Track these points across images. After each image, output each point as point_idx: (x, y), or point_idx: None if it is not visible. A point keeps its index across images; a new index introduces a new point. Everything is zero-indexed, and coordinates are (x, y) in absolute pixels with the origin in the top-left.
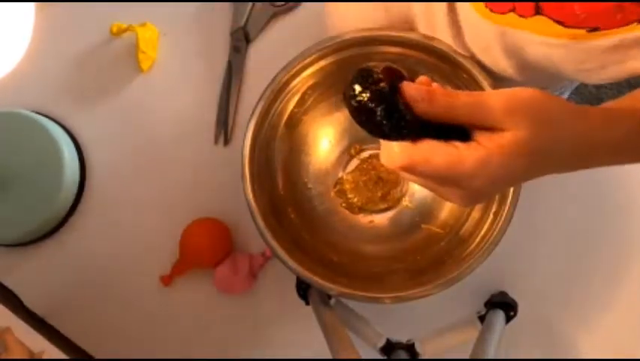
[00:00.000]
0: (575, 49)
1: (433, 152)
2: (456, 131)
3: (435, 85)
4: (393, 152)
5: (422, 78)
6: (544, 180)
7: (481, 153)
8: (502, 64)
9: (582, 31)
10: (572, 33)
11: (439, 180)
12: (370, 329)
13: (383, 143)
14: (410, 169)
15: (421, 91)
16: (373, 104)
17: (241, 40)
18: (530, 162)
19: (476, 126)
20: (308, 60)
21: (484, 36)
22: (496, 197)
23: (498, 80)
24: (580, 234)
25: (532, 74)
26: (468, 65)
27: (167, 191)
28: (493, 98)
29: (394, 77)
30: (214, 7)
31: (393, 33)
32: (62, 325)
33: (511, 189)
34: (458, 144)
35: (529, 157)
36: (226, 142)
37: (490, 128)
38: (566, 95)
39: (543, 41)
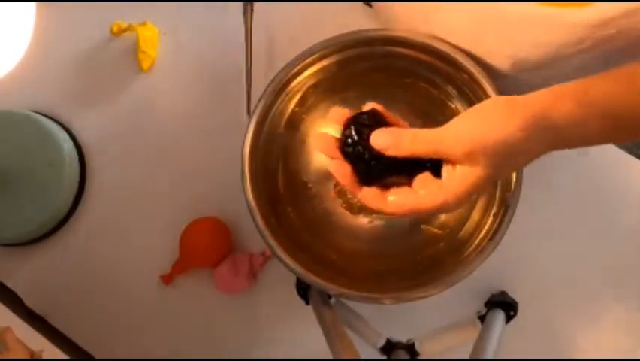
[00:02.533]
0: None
1: (398, 203)
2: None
3: (400, 128)
4: (374, 205)
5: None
6: (544, 181)
7: (439, 199)
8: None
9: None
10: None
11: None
12: (370, 329)
13: (363, 195)
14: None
15: (387, 141)
16: (353, 159)
17: None
18: (485, 186)
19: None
20: (309, 60)
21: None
22: (496, 198)
23: (496, 79)
24: (580, 234)
25: (529, 72)
26: (469, 65)
27: (167, 190)
28: (450, 141)
29: (376, 123)
30: (214, 6)
31: (394, 33)
32: (62, 325)
33: (511, 190)
34: (420, 190)
35: (485, 184)
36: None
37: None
38: None
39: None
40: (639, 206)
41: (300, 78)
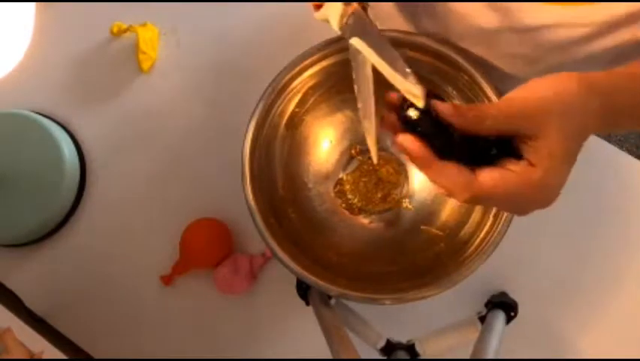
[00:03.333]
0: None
1: (494, 185)
2: (498, 143)
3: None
4: (456, 186)
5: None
6: None
7: (537, 174)
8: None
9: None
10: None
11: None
12: (370, 330)
13: (441, 170)
14: (475, 202)
15: (449, 107)
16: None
17: None
18: (573, 153)
19: (509, 135)
20: (309, 60)
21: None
22: None
23: (499, 81)
24: (580, 235)
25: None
26: (470, 67)
27: (167, 191)
28: (515, 107)
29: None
30: (214, 6)
31: (395, 34)
32: (62, 325)
33: None
34: (513, 168)
35: (572, 147)
36: None
37: (524, 135)
38: None
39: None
40: (638, 205)
41: (300, 78)
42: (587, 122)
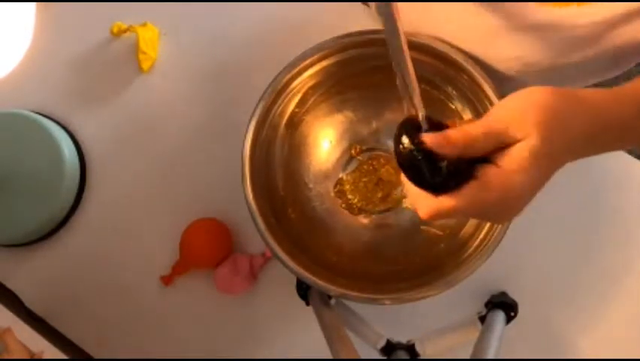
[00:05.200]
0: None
1: (455, 199)
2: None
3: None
4: (422, 205)
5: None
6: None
7: (501, 178)
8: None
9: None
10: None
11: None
12: (370, 330)
13: (412, 193)
14: (439, 217)
15: (439, 137)
16: (418, 160)
17: None
18: (547, 163)
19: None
20: (309, 60)
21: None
22: None
23: (499, 81)
24: (580, 235)
25: (534, 74)
26: (470, 67)
27: (167, 191)
28: (502, 121)
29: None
30: (214, 6)
31: None
32: (62, 325)
33: None
34: (480, 175)
35: (546, 160)
36: None
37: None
38: None
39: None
40: (638, 206)
41: (300, 79)
42: (569, 129)
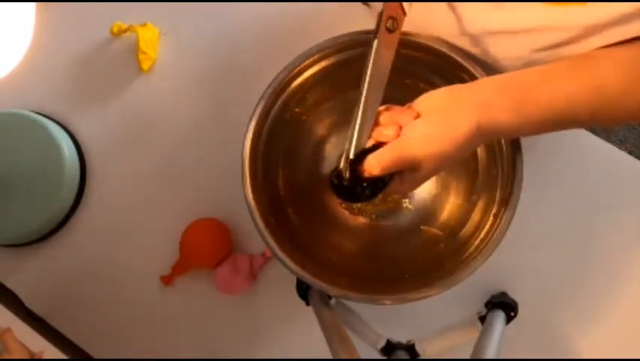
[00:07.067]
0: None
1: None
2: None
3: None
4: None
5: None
6: (543, 182)
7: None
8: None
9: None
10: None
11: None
12: (370, 330)
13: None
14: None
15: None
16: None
17: None
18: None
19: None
20: (309, 60)
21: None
22: (496, 199)
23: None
24: (580, 235)
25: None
26: (468, 65)
27: (167, 191)
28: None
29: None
30: (214, 6)
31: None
32: (62, 325)
33: (511, 192)
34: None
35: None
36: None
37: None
38: None
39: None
40: (638, 206)
41: (300, 79)
42: (457, 110)
